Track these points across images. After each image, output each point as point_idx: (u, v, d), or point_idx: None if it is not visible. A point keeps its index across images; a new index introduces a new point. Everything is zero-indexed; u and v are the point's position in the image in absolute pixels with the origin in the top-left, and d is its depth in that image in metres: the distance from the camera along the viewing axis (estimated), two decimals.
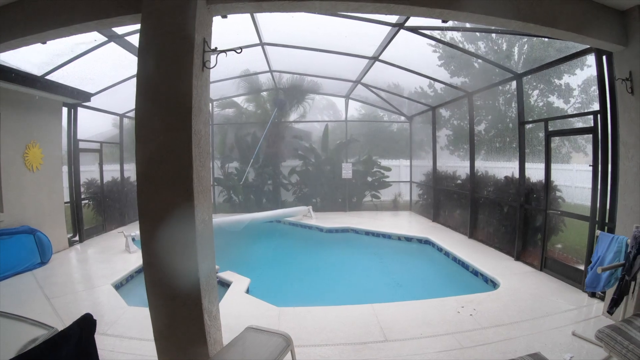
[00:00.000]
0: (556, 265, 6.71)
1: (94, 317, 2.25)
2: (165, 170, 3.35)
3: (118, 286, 6.38)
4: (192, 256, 3.39)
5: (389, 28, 7.10)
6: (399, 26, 6.88)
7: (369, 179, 14.47)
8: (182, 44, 3.33)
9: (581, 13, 4.52)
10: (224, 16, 4.22)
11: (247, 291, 6.05)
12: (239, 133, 14.56)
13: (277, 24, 7.68)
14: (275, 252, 9.83)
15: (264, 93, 14.52)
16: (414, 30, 7.00)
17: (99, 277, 6.69)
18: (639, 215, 4.72)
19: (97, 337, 2.24)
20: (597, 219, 5.72)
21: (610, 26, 4.70)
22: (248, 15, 7.14)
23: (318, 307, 5.38)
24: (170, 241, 3.37)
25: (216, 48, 3.56)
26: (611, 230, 5.34)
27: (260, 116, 14.58)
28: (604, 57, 5.39)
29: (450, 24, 6.23)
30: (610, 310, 4.28)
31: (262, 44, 8.89)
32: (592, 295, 5.61)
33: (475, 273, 7.23)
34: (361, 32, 7.42)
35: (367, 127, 15.81)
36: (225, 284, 6.29)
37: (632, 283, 4.25)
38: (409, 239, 10.10)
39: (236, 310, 5.24)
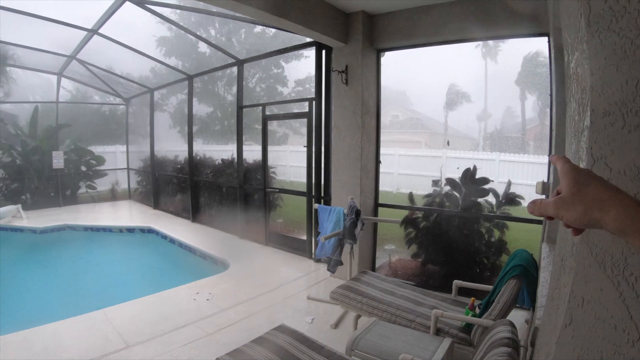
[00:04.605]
0: (280, 239, 7.09)
1: None
2: None
3: None
4: None
5: None
6: None
7: (83, 168, 12.38)
8: None
9: (310, 9, 4.70)
10: None
11: None
12: None
13: None
14: None
15: None
16: (140, 3, 6.14)
17: None
18: (351, 188, 5.41)
19: None
20: (313, 194, 6.26)
21: (336, 25, 5.08)
22: None
23: (45, 325, 4.14)
24: None
25: None
26: (327, 202, 5.99)
27: None
28: (323, 51, 5.87)
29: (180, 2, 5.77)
30: (332, 269, 4.70)
31: None
32: (318, 260, 6.16)
33: (204, 256, 6.98)
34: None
35: (81, 109, 13.33)
36: None
37: (351, 246, 4.88)
38: (131, 230, 9.15)
39: None
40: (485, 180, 5.00)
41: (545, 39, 4.10)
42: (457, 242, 5.02)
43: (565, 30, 1.30)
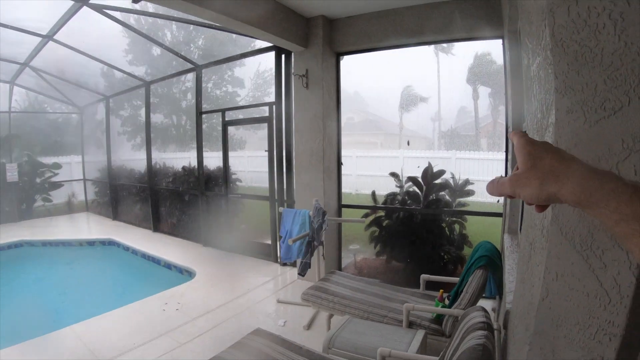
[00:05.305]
0: (244, 244, 7.03)
1: None
2: None
3: None
4: None
5: (71, 2, 5.81)
6: (83, 2, 5.70)
7: (38, 180, 11.76)
8: None
9: (272, 14, 4.75)
10: None
11: None
12: None
13: None
14: None
15: None
16: (98, 9, 5.96)
17: None
18: (314, 191, 5.45)
19: None
20: (276, 198, 6.29)
21: (296, 29, 5.15)
22: None
23: (9, 347, 3.95)
24: None
25: None
26: (291, 205, 6.02)
27: None
28: (283, 55, 5.92)
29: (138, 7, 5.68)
30: (303, 273, 4.82)
31: None
32: (284, 264, 6.19)
33: (169, 266, 6.86)
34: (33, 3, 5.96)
35: (33, 119, 12.70)
36: None
37: (321, 247, 4.99)
38: (91, 243, 8.85)
39: None
40: (442, 172, 5.24)
41: (500, 41, 4.36)
42: (420, 238, 5.23)
43: (526, 36, 1.45)
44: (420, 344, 2.73)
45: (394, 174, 5.60)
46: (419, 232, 5.23)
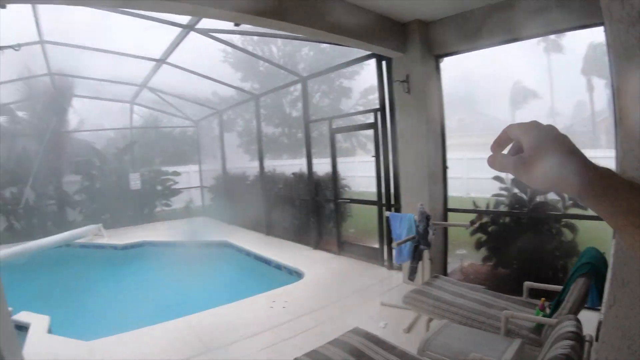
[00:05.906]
0: (352, 248, 7.21)
1: None
2: None
3: None
4: None
5: (179, 29, 6.46)
6: (190, 28, 6.32)
7: (159, 187, 13.33)
8: None
9: (368, 23, 4.84)
10: (2, 6, 3.18)
11: (49, 331, 4.71)
12: (11, 147, 11.22)
13: (57, 19, 6.41)
14: (71, 280, 7.93)
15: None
16: (205, 32, 6.57)
17: None
18: (420, 195, 5.38)
19: None
20: (383, 202, 6.32)
21: (393, 36, 5.20)
22: (29, 7, 5.72)
23: (130, 332, 4.56)
24: None
25: None
26: (398, 210, 6.00)
27: (37, 126, 11.55)
28: (384, 62, 5.97)
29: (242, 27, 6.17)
30: (411, 277, 4.79)
31: (42, 42, 7.23)
32: (391, 267, 6.22)
33: (279, 267, 7.22)
34: (148, 33, 6.72)
35: (152, 133, 14.48)
36: (23, 328, 4.72)
37: (427, 251, 4.93)
38: (207, 245, 9.65)
39: (41, 354, 4.05)
40: None
41: (602, 28, 3.93)
42: (526, 244, 4.88)
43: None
44: (515, 353, 2.59)
45: (497, 177, 5.32)
46: (526, 237, 4.89)
